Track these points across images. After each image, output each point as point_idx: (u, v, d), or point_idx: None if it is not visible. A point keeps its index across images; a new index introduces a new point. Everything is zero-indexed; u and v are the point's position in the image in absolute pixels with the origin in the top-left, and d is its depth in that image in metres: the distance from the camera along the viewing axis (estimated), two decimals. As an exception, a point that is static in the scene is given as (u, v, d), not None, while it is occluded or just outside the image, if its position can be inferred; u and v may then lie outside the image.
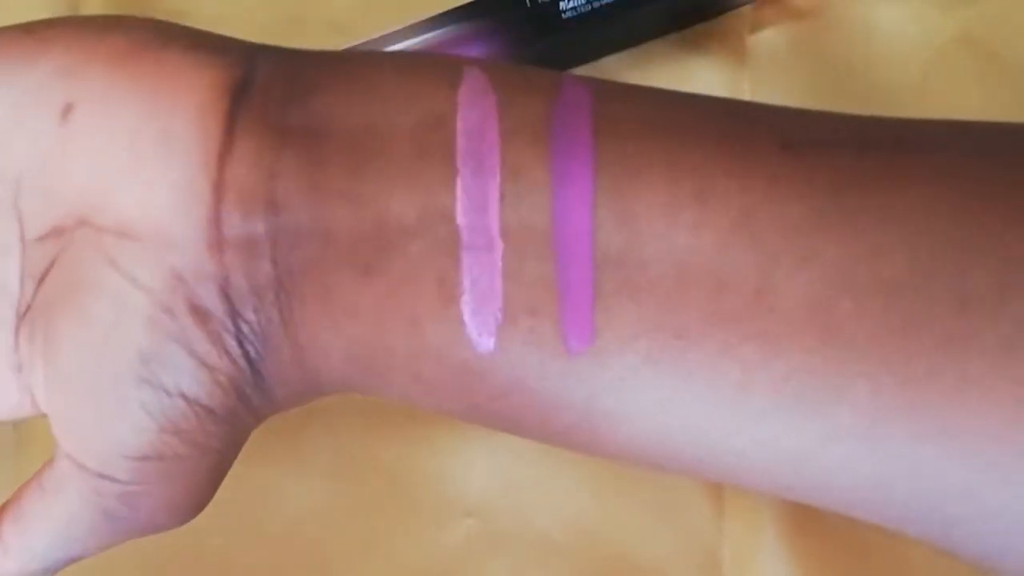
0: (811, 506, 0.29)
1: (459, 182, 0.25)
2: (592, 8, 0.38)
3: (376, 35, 0.38)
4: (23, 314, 0.27)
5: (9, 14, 0.41)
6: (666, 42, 0.39)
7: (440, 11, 0.38)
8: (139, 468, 0.27)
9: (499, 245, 0.25)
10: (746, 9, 0.40)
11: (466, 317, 0.25)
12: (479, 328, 0.25)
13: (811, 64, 0.39)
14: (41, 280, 0.27)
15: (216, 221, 0.25)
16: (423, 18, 0.38)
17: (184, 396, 0.26)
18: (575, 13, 0.38)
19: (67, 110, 0.26)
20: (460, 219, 0.25)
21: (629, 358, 0.25)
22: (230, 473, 0.38)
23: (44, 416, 0.32)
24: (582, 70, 0.40)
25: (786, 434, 0.25)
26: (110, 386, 0.26)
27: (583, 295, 0.25)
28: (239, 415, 0.27)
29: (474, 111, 0.25)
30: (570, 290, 0.25)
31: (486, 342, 0.25)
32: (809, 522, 0.37)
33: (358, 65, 0.27)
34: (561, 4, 0.38)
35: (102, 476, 0.27)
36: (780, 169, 0.25)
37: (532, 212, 0.25)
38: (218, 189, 0.25)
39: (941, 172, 0.25)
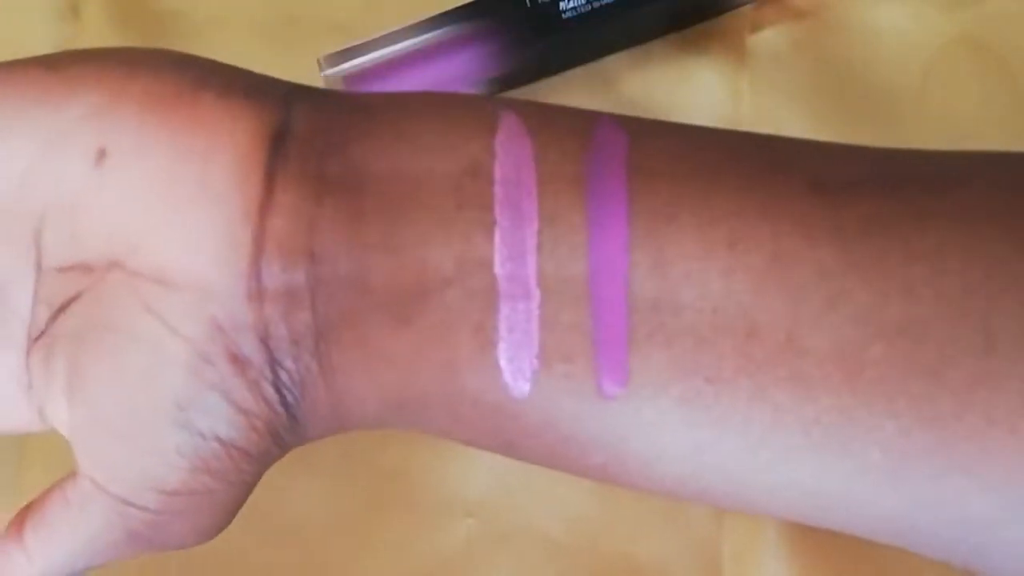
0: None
1: (497, 232, 0.25)
2: (592, 8, 0.38)
3: (376, 35, 0.38)
4: (36, 338, 0.27)
5: (9, 14, 0.41)
6: (666, 42, 0.39)
7: (440, 11, 0.38)
8: (168, 500, 0.27)
9: (536, 294, 0.25)
10: (746, 9, 0.40)
11: (502, 363, 0.25)
12: (515, 374, 0.25)
13: (811, 64, 0.39)
14: (61, 309, 0.27)
15: (257, 272, 0.25)
16: (423, 18, 0.38)
17: (220, 440, 0.26)
18: (575, 13, 0.38)
19: (100, 155, 0.26)
20: (498, 269, 0.25)
21: (662, 402, 0.25)
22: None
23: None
24: (582, 70, 0.40)
25: (814, 473, 0.26)
26: (144, 429, 0.26)
27: (618, 341, 0.25)
28: (271, 453, 0.27)
29: (511, 159, 0.26)
30: (605, 336, 0.25)
31: (522, 387, 0.26)
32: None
33: (394, 112, 0.27)
34: (561, 4, 0.38)
35: (129, 504, 0.27)
36: (810, 211, 0.25)
37: (568, 260, 0.25)
38: (259, 240, 0.25)
39: (966, 210, 0.26)
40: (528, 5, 0.38)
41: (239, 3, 0.41)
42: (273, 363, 0.26)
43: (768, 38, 0.39)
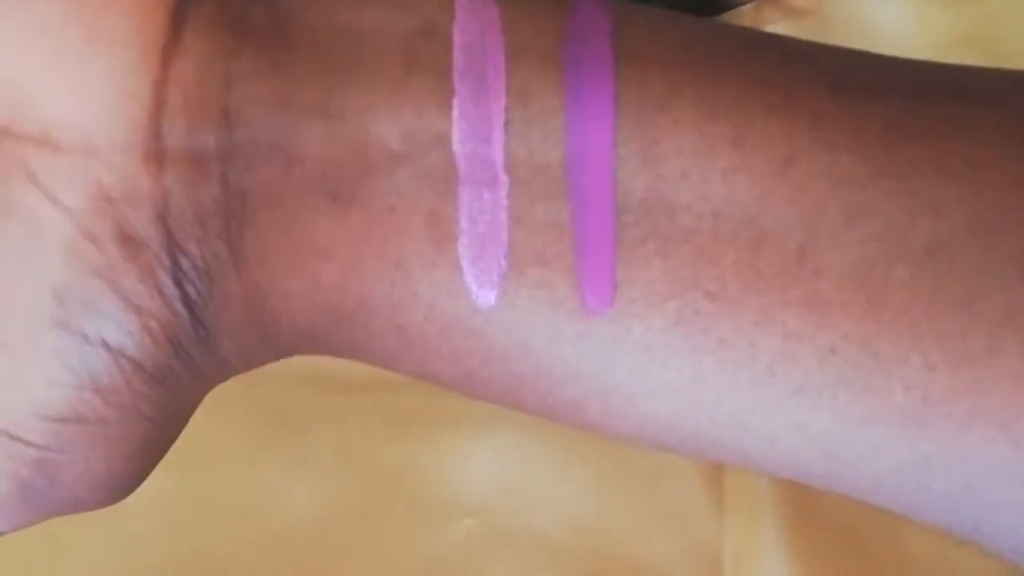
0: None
1: (456, 103, 0.21)
2: (592, 7, 0.38)
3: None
4: None
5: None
6: (666, 41, 0.39)
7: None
8: (55, 431, 0.22)
9: (504, 180, 0.22)
10: (746, 8, 0.40)
11: (464, 263, 0.22)
12: (479, 277, 0.22)
13: (811, 63, 0.39)
14: None
15: (155, 129, 0.21)
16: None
17: (107, 345, 0.22)
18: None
19: None
20: (457, 146, 0.21)
21: (656, 320, 0.22)
22: (230, 472, 0.38)
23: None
24: (582, 69, 0.40)
25: (826, 413, 0.23)
26: (22, 330, 0.22)
27: (603, 244, 0.22)
28: (177, 375, 0.23)
29: (474, 22, 0.22)
30: (588, 238, 0.22)
31: (486, 295, 0.22)
32: (810, 521, 0.37)
33: None
34: (561, 3, 0.38)
35: (14, 438, 0.23)
36: (829, 110, 0.22)
37: (543, 144, 0.22)
38: (159, 90, 0.21)
39: (1002, 127, 0.23)
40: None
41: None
42: (172, 246, 0.21)
43: (768, 37, 0.40)
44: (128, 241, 0.21)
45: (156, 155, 0.21)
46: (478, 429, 0.38)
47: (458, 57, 0.22)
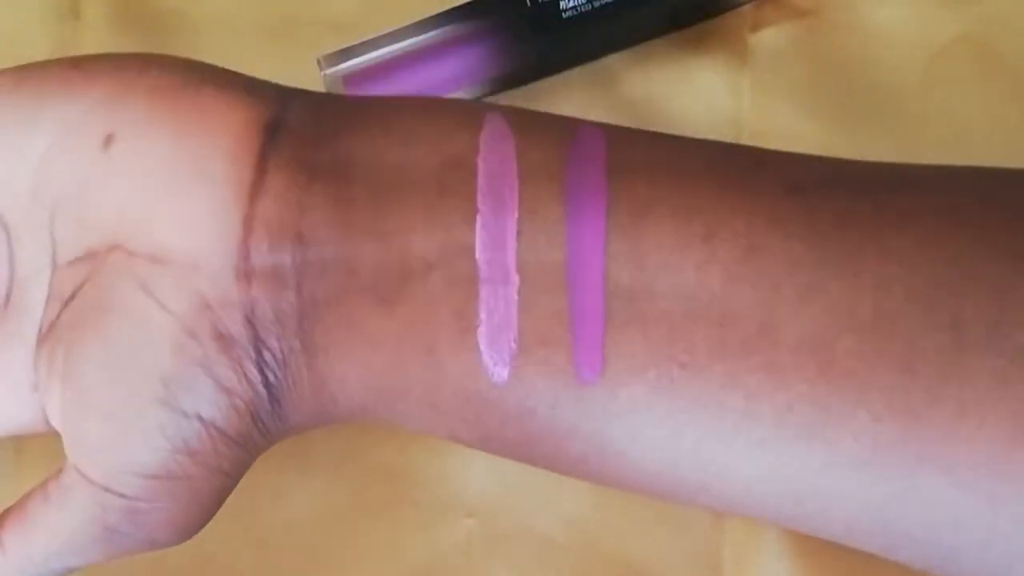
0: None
1: (479, 219, 0.26)
2: (592, 7, 0.38)
3: (376, 34, 0.38)
4: (43, 335, 0.28)
5: (9, 13, 0.41)
6: (666, 41, 0.39)
7: (439, 10, 0.38)
8: (147, 485, 0.27)
9: (515, 279, 0.26)
10: (747, 8, 0.40)
11: (482, 347, 0.26)
12: (494, 358, 0.26)
13: (812, 63, 0.39)
14: (67, 302, 0.28)
15: (245, 252, 0.26)
16: (423, 18, 0.38)
17: (201, 419, 0.27)
18: (575, 12, 0.38)
19: (108, 140, 0.27)
20: (479, 254, 0.26)
21: (638, 387, 0.26)
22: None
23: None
24: (582, 69, 0.40)
25: (789, 462, 0.26)
26: (129, 405, 0.27)
27: (595, 326, 0.26)
28: (252, 439, 0.28)
29: (494, 153, 0.27)
30: (582, 321, 0.26)
31: (501, 372, 0.27)
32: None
33: (384, 108, 0.28)
34: (561, 3, 0.38)
35: (109, 491, 0.27)
36: (784, 208, 0.26)
37: (548, 248, 0.26)
38: (248, 221, 0.26)
39: (936, 212, 0.27)
40: (528, 4, 0.38)
41: (239, 2, 0.41)
42: (257, 341, 0.27)
43: (769, 37, 0.39)
44: (222, 338, 0.26)
45: (245, 272, 0.26)
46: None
47: (481, 182, 0.26)
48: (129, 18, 0.41)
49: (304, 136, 0.27)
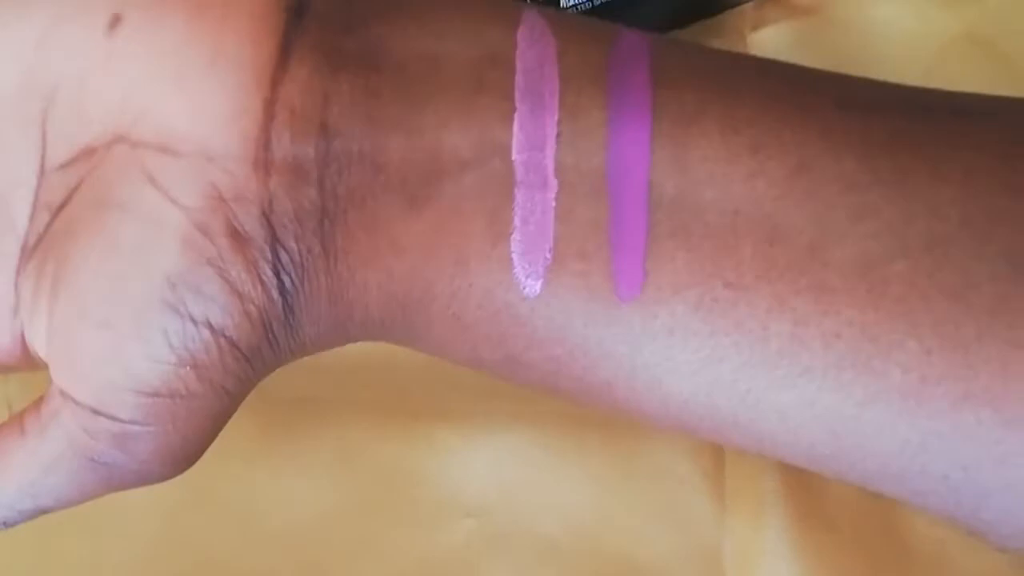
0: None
1: (516, 118, 0.25)
2: (592, 6, 0.38)
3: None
4: (30, 250, 0.26)
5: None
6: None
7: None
8: (146, 405, 0.25)
9: (553, 184, 0.25)
10: (747, 7, 0.40)
11: (515, 257, 0.25)
12: (527, 269, 0.25)
13: (812, 62, 0.39)
14: (59, 209, 0.26)
15: (265, 140, 0.24)
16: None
17: (210, 326, 0.25)
18: (575, 11, 0.38)
19: (114, 21, 0.25)
20: (516, 155, 0.25)
21: (679, 307, 0.25)
22: (230, 472, 0.38)
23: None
24: (582, 68, 0.40)
25: (831, 393, 0.25)
26: (131, 311, 0.25)
27: (636, 240, 0.25)
28: (261, 354, 0.26)
29: (533, 51, 0.25)
30: (623, 234, 0.25)
31: (533, 284, 0.25)
32: (812, 521, 0.37)
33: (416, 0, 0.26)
34: (561, 3, 0.38)
35: (100, 413, 0.25)
36: (835, 125, 0.25)
37: (588, 153, 0.25)
38: (269, 107, 0.24)
39: (992, 140, 0.26)
40: (527, 4, 0.38)
41: None
42: (274, 241, 0.25)
43: (769, 36, 0.39)
44: (237, 236, 0.24)
45: (264, 163, 0.24)
46: (478, 430, 0.38)
47: (519, 80, 0.25)
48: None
49: (331, 20, 0.25)
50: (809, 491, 0.37)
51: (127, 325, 0.25)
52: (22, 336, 0.27)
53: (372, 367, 0.38)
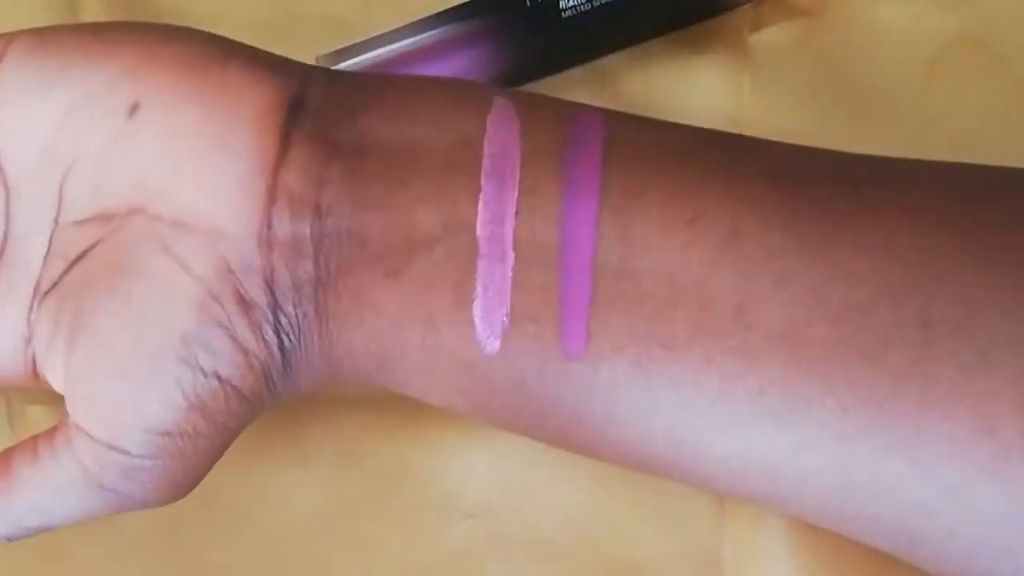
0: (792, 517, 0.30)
1: (482, 197, 0.28)
2: (592, 7, 0.38)
3: (373, 34, 0.37)
4: (46, 291, 0.29)
5: (6, 11, 0.41)
6: (666, 41, 0.39)
7: (438, 10, 0.38)
8: (155, 442, 0.28)
9: (511, 256, 0.28)
10: (747, 8, 0.39)
11: (476, 320, 0.28)
12: (487, 331, 0.28)
13: (812, 63, 0.39)
14: (76, 261, 0.29)
15: (268, 220, 0.28)
16: (421, 17, 0.38)
17: (219, 377, 0.28)
18: (575, 12, 0.38)
19: (134, 107, 0.28)
20: (480, 231, 0.28)
21: (619, 364, 0.27)
22: (230, 473, 0.38)
23: (40, 405, 0.33)
24: (582, 69, 0.39)
25: (761, 443, 0.27)
26: (148, 363, 0.28)
27: (581, 304, 0.27)
28: (261, 398, 0.29)
29: (499, 135, 0.28)
30: (569, 299, 0.27)
31: (492, 344, 0.28)
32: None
33: (399, 89, 0.30)
34: (561, 3, 0.38)
35: (113, 448, 0.28)
36: (766, 197, 0.28)
37: (543, 227, 0.28)
38: (272, 192, 0.28)
39: (911, 208, 0.28)
40: (527, 4, 0.38)
41: (238, 1, 0.41)
42: (275, 307, 0.28)
43: (769, 37, 0.39)
44: (243, 302, 0.28)
45: (268, 240, 0.28)
46: (477, 430, 0.38)
47: (486, 163, 0.28)
48: (128, 16, 0.41)
49: (324, 114, 0.28)
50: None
51: (144, 374, 0.28)
52: (34, 363, 0.30)
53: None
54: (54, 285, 0.29)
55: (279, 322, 0.28)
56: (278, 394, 0.30)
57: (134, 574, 0.38)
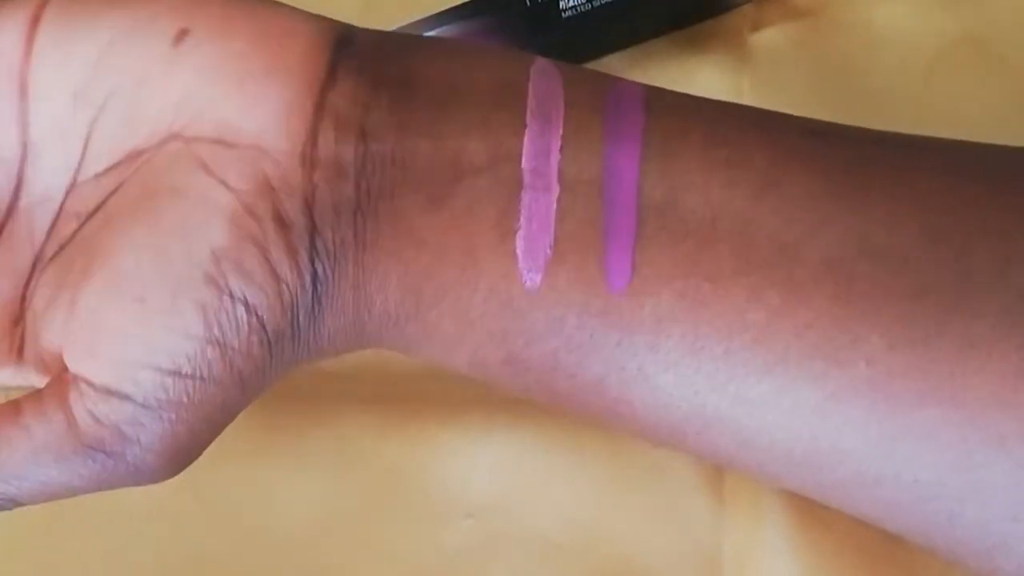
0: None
1: (527, 133, 0.28)
2: (592, 7, 0.38)
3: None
4: (47, 259, 0.28)
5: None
6: (667, 41, 0.39)
7: (439, 10, 0.38)
8: (160, 385, 0.26)
9: (556, 188, 0.28)
10: (747, 8, 0.40)
11: (519, 252, 0.27)
12: (529, 263, 0.27)
13: (813, 63, 0.39)
14: (91, 215, 0.28)
15: (312, 139, 0.27)
16: (422, 17, 0.38)
17: (246, 303, 0.27)
18: (574, 12, 0.38)
19: (181, 34, 0.28)
20: (525, 163, 0.28)
21: (664, 296, 0.27)
22: (230, 473, 0.38)
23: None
24: (582, 69, 0.40)
25: (804, 382, 0.27)
26: (170, 285, 0.26)
27: (626, 236, 0.27)
28: (282, 345, 0.28)
29: (543, 84, 0.28)
30: (614, 231, 0.27)
31: (533, 278, 0.28)
32: (812, 521, 0.37)
33: (445, 43, 0.30)
34: (560, 3, 0.38)
35: (113, 392, 0.26)
36: (803, 149, 0.28)
37: (587, 164, 0.28)
38: (318, 111, 0.27)
39: (945, 165, 0.28)
40: (527, 4, 0.38)
41: None
42: (313, 229, 0.27)
43: (769, 37, 0.39)
44: (281, 221, 0.27)
45: (311, 159, 0.27)
46: (478, 430, 0.38)
47: (531, 103, 0.28)
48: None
49: (372, 51, 0.29)
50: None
51: (163, 298, 0.26)
52: (19, 348, 0.28)
53: (372, 367, 0.38)
54: (62, 247, 0.28)
55: (315, 247, 0.27)
56: (299, 344, 0.28)
57: (133, 574, 0.38)
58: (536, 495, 0.38)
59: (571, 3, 0.38)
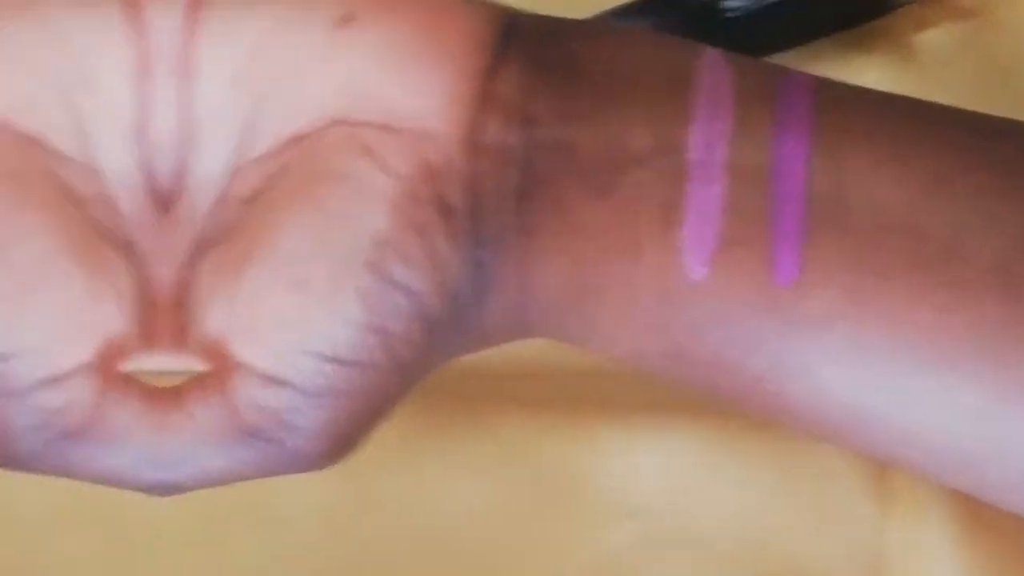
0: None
1: (695, 123, 0.27)
2: (756, 7, 0.38)
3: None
4: (208, 243, 0.27)
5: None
6: (831, 41, 0.39)
7: (599, 11, 0.38)
8: (321, 371, 0.26)
9: (722, 179, 0.27)
10: (912, 8, 0.40)
11: (685, 243, 0.27)
12: (695, 255, 0.27)
13: (978, 64, 0.39)
14: (253, 198, 0.27)
15: (476, 126, 0.27)
16: (581, 19, 0.38)
17: (408, 290, 0.26)
18: (738, 12, 0.38)
19: (345, 19, 0.27)
20: (691, 153, 0.27)
21: (831, 291, 0.27)
22: (391, 472, 0.38)
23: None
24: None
25: (969, 385, 0.27)
26: (331, 271, 0.26)
27: (794, 228, 0.27)
28: (443, 333, 0.27)
29: (711, 74, 0.28)
30: (783, 223, 0.27)
31: (700, 270, 0.27)
32: (976, 523, 0.37)
33: (611, 28, 0.30)
34: (725, 3, 0.38)
35: (275, 379, 0.26)
36: (966, 141, 0.28)
37: (754, 155, 0.27)
38: (483, 97, 0.27)
39: None
40: (691, 5, 0.38)
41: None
42: (476, 215, 0.27)
43: (934, 37, 0.39)
44: (444, 206, 0.27)
45: (475, 145, 0.27)
46: (640, 430, 0.38)
47: (700, 93, 0.28)
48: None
49: (536, 37, 0.28)
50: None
51: (323, 285, 0.26)
52: (180, 333, 0.27)
53: (535, 365, 0.38)
54: (222, 232, 0.27)
55: (479, 233, 0.27)
56: (455, 333, 0.27)
57: (296, 571, 0.38)
58: (698, 496, 0.38)
59: (735, 3, 0.38)
